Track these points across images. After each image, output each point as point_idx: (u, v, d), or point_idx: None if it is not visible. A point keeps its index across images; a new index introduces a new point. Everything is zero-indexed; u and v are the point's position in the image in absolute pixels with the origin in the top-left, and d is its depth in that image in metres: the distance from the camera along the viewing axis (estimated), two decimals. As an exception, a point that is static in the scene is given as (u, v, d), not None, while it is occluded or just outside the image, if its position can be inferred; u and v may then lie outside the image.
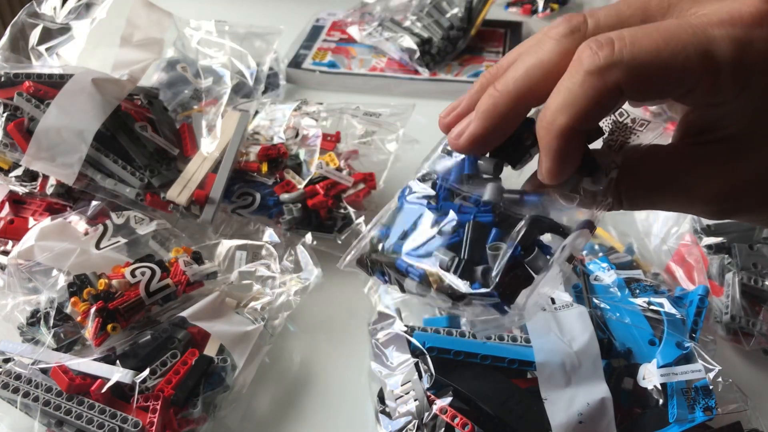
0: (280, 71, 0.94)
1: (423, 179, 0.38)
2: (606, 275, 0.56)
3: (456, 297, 0.33)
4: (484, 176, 0.37)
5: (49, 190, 0.63)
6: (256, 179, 0.69)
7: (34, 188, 0.63)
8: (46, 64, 0.71)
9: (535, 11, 1.20)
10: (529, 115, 0.35)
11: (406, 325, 0.51)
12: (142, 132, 0.65)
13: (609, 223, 0.65)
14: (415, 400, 0.47)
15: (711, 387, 0.46)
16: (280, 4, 1.22)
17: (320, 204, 0.65)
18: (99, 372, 0.48)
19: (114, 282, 0.53)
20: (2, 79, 0.63)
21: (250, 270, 0.59)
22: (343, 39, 1.06)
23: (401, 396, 0.48)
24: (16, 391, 0.47)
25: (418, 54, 0.96)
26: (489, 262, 0.33)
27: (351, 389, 0.55)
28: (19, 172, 0.63)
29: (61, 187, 0.63)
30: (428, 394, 0.47)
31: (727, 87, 0.29)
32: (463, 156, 0.37)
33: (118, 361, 0.49)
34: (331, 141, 0.72)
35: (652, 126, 0.36)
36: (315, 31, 1.09)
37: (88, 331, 0.51)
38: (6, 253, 0.59)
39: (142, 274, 0.53)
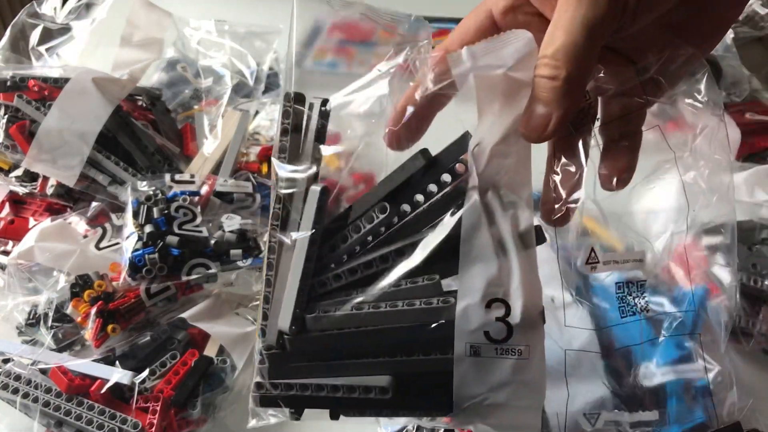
0: (281, 71, 0.94)
1: None
2: (605, 274, 0.56)
3: None
4: None
5: (50, 191, 0.63)
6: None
7: (35, 188, 0.63)
8: (46, 65, 0.71)
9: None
10: None
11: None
12: (143, 130, 0.65)
13: (609, 223, 0.65)
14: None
15: (711, 387, 0.46)
16: (280, 4, 1.21)
17: (320, 204, 0.65)
18: (98, 373, 0.48)
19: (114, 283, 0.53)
20: (8, 83, 0.63)
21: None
22: (343, 39, 1.06)
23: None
24: (15, 391, 0.47)
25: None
26: None
27: (350, 389, 0.55)
28: (19, 172, 0.63)
29: (62, 187, 0.63)
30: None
31: None
32: None
33: (117, 362, 0.49)
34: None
35: None
36: (315, 31, 1.09)
37: (89, 332, 0.51)
38: (6, 253, 0.59)
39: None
